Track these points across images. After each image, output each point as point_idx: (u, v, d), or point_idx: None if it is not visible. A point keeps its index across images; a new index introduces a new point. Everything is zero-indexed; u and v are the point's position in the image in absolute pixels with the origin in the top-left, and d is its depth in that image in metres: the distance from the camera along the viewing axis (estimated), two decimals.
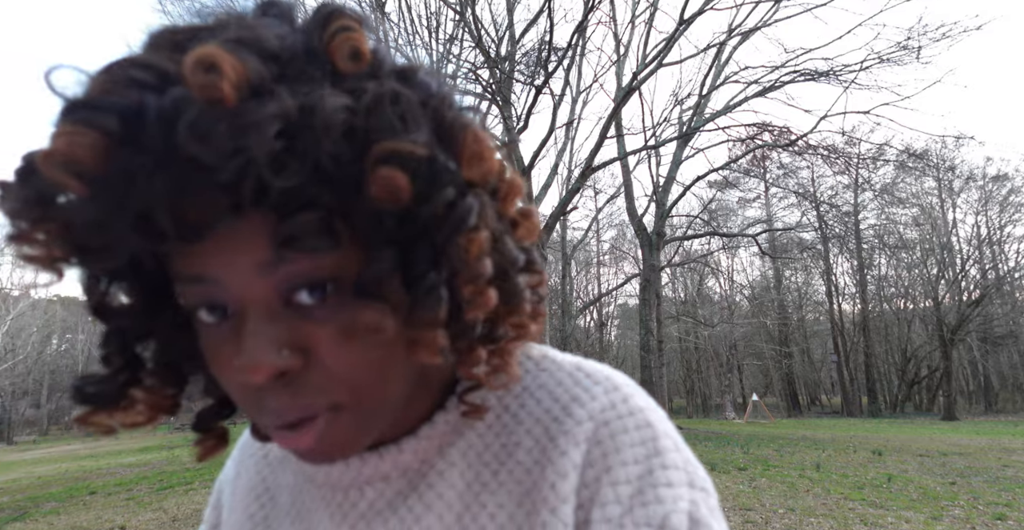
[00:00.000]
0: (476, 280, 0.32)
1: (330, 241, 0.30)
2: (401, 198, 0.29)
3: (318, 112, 0.26)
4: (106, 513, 6.24)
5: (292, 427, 0.33)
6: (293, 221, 0.29)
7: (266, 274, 0.30)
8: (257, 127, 0.25)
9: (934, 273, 25.75)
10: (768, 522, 4.85)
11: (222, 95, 0.25)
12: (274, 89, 0.26)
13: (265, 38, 0.28)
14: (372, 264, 0.31)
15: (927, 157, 19.51)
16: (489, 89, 11.08)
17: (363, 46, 0.29)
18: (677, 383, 35.73)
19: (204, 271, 0.31)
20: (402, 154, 0.28)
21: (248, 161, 0.26)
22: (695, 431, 14.20)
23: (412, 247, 0.31)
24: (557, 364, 0.44)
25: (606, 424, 0.39)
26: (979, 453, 9.40)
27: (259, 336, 0.31)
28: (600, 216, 27.68)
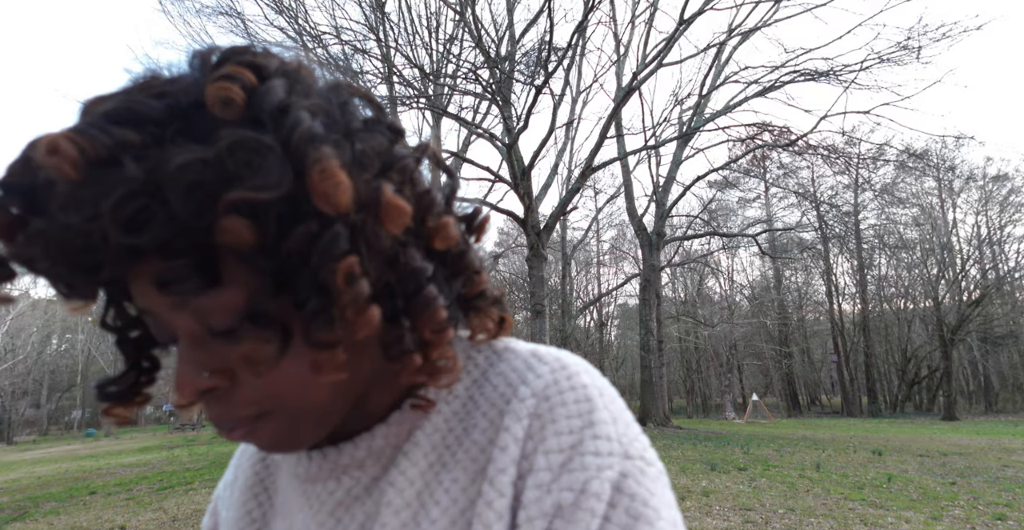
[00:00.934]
0: (352, 303, 0.34)
1: (203, 282, 0.32)
2: (246, 244, 0.31)
3: (163, 173, 0.30)
4: (106, 513, 6.24)
5: (226, 430, 0.38)
6: (165, 268, 0.32)
7: (181, 309, 0.34)
8: (103, 196, 0.29)
9: (934, 273, 25.75)
10: (768, 522, 4.85)
11: (64, 173, 0.29)
12: (122, 158, 0.30)
13: (141, 108, 0.31)
14: (252, 296, 0.34)
15: (927, 157, 19.54)
16: (489, 89, 11.07)
17: (233, 94, 0.32)
18: (677, 383, 35.73)
19: (142, 305, 0.36)
20: (247, 202, 0.30)
21: (95, 230, 0.29)
22: (695, 431, 14.19)
23: (293, 276, 0.33)
24: (515, 352, 0.46)
25: (547, 399, 0.41)
26: (979, 453, 9.40)
27: (184, 361, 0.36)
28: (600, 216, 27.72)
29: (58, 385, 38.11)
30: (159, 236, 0.30)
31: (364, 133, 0.37)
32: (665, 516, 0.38)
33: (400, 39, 11.85)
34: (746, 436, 12.87)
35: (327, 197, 0.32)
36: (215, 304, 0.34)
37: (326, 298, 0.33)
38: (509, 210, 11.61)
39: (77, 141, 0.30)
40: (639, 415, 15.21)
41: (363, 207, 0.34)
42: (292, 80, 0.35)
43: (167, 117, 0.32)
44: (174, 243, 0.31)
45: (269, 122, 0.32)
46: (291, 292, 0.34)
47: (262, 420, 0.38)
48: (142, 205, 0.30)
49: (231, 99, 0.32)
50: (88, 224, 0.30)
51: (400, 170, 0.38)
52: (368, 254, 0.35)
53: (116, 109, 0.32)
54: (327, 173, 0.32)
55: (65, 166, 0.29)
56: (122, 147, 0.30)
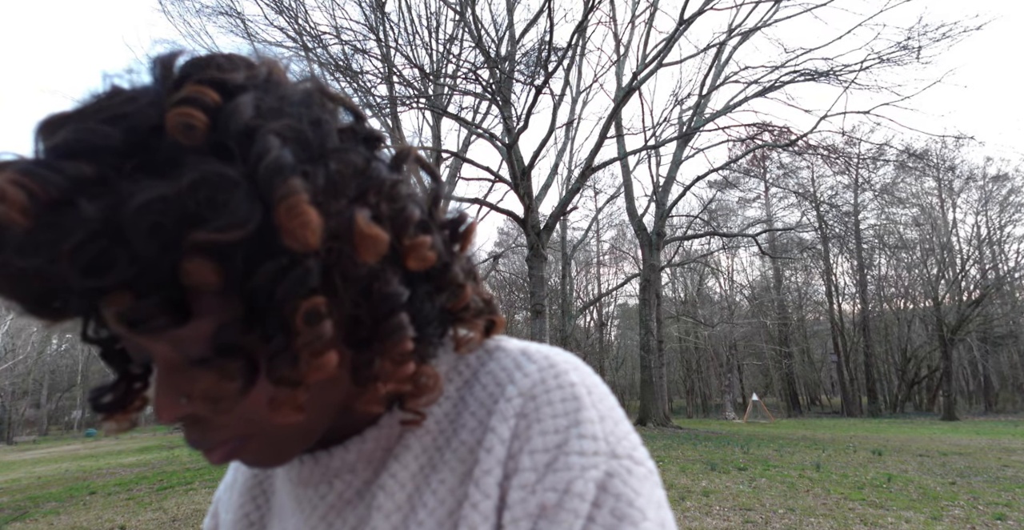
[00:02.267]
0: (310, 345, 0.33)
1: (172, 319, 0.31)
2: (211, 284, 0.30)
3: (123, 213, 0.28)
4: (106, 513, 6.24)
5: (208, 451, 0.38)
6: (132, 307, 0.31)
7: (157, 340, 0.33)
8: (60, 240, 0.28)
9: (934, 273, 25.75)
10: (768, 522, 4.85)
11: (13, 220, 0.28)
12: (77, 199, 0.28)
13: (97, 139, 0.30)
14: (219, 329, 0.33)
15: (927, 157, 19.54)
16: (489, 89, 11.07)
17: (195, 120, 0.30)
18: (677, 383, 35.73)
19: (115, 332, 0.35)
20: (210, 243, 0.29)
21: (53, 268, 0.28)
22: (695, 431, 14.19)
23: (261, 312, 0.32)
24: (505, 351, 0.45)
25: (533, 398, 0.40)
26: (979, 453, 9.40)
27: (161, 386, 0.35)
28: (600, 216, 27.73)
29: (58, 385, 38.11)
30: (121, 278, 0.29)
31: (339, 153, 0.35)
32: (651, 517, 0.37)
33: (400, 39, 11.85)
34: (746, 436, 12.87)
35: (294, 235, 0.31)
36: (189, 334, 0.33)
37: (289, 336, 0.33)
38: (509, 210, 11.62)
39: (25, 184, 0.28)
40: (639, 415, 15.21)
41: (336, 237, 0.33)
42: (261, 93, 0.33)
43: (124, 147, 0.30)
44: (139, 283, 0.30)
45: (236, 148, 0.31)
46: (259, 326, 0.33)
47: (243, 441, 0.38)
48: (102, 248, 0.28)
49: (192, 125, 0.30)
50: (47, 267, 0.28)
51: (376, 190, 0.36)
52: (343, 286, 0.34)
53: (68, 141, 0.29)
54: (294, 211, 0.30)
55: (13, 213, 0.28)
56: (76, 186, 0.29)
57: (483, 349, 0.47)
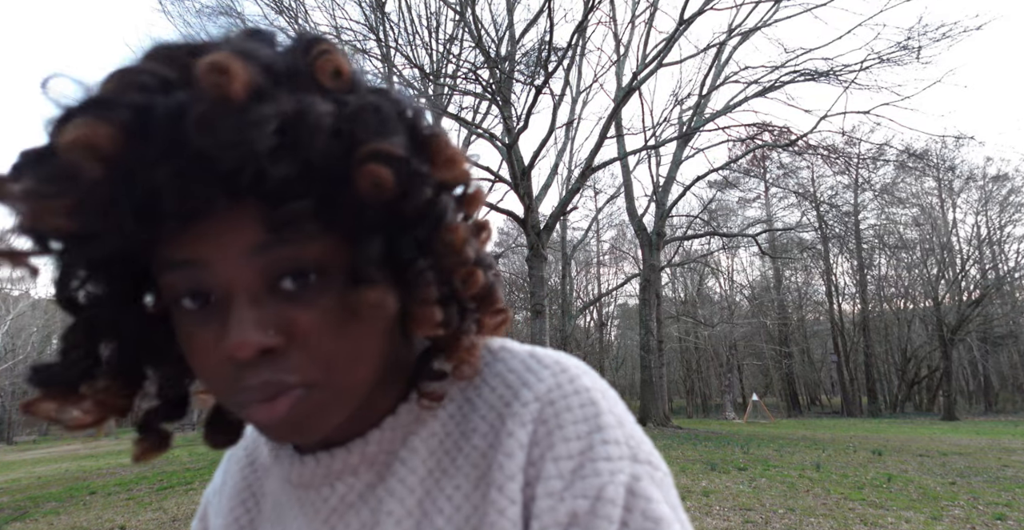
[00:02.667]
0: (464, 264, 0.37)
1: (318, 228, 0.33)
2: (385, 192, 0.32)
3: (310, 114, 0.30)
4: (106, 513, 6.24)
5: (268, 400, 0.35)
6: (286, 208, 0.32)
7: (254, 258, 0.33)
8: (258, 123, 0.29)
9: (934, 273, 25.74)
10: (768, 522, 4.85)
11: (230, 94, 0.29)
12: (273, 93, 0.30)
13: (260, 53, 0.32)
14: (363, 250, 0.34)
15: (927, 157, 19.53)
16: (489, 89, 11.07)
17: (344, 66, 0.34)
18: (677, 383, 35.71)
19: (195, 254, 0.33)
20: (384, 154, 0.32)
21: (248, 153, 0.29)
22: (695, 431, 14.19)
23: (396, 239, 0.35)
24: (511, 353, 0.45)
25: (551, 404, 0.40)
26: (979, 453, 9.40)
27: (246, 317, 0.33)
28: (600, 216, 27.72)
29: None
30: (293, 172, 0.31)
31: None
32: (678, 518, 0.38)
33: (400, 39, 11.85)
34: (746, 436, 12.87)
35: (452, 166, 0.35)
36: (301, 255, 0.34)
37: (434, 258, 0.36)
38: (509, 210, 11.61)
39: (246, 63, 0.30)
40: (639, 415, 15.21)
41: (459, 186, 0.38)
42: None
43: (285, 70, 0.32)
44: (304, 183, 0.32)
45: (373, 95, 0.34)
46: (395, 253, 0.35)
47: (309, 392, 0.36)
48: (289, 139, 0.30)
49: (342, 71, 0.33)
50: (229, 151, 0.29)
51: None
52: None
53: (243, 50, 0.31)
54: (450, 144, 0.35)
55: (236, 86, 0.29)
56: (275, 79, 0.31)
57: (487, 349, 0.46)
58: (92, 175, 0.29)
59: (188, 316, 0.35)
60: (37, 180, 0.30)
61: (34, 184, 0.30)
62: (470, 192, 0.39)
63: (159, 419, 0.42)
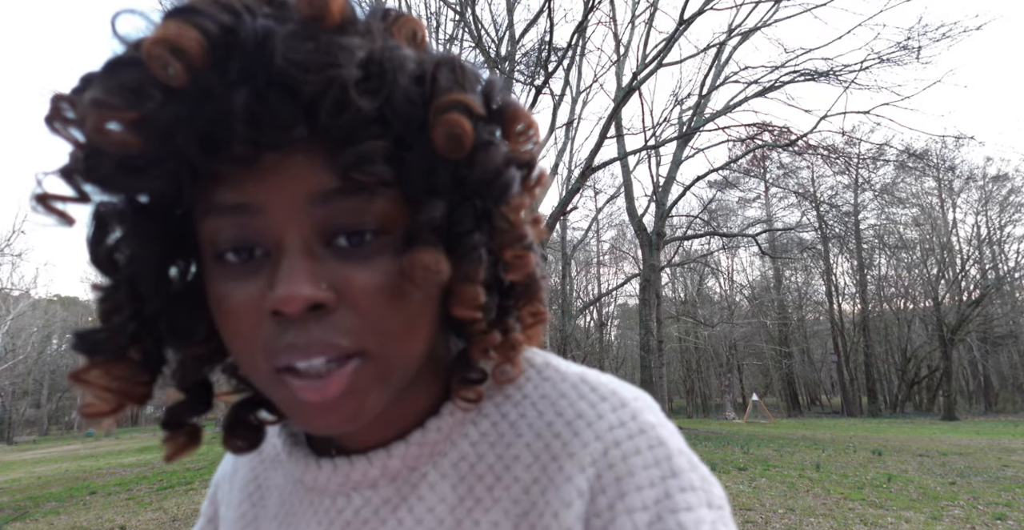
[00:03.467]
0: (518, 243, 0.35)
1: (387, 177, 0.31)
2: (462, 146, 0.31)
3: (395, 54, 0.30)
4: (106, 513, 6.24)
5: (320, 376, 0.32)
6: (360, 147, 0.30)
7: (315, 208, 0.31)
8: (347, 51, 0.28)
9: (934, 273, 25.75)
10: (768, 522, 4.85)
11: (326, 14, 0.28)
12: (361, 26, 0.30)
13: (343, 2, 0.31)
14: (425, 211, 0.33)
15: (927, 157, 19.53)
16: None
17: (422, 29, 0.34)
18: (677, 383, 35.72)
19: (251, 198, 0.31)
20: (464, 105, 0.31)
21: (332, 80, 0.28)
22: (695, 431, 14.19)
23: (456, 207, 0.33)
24: (561, 374, 0.41)
25: (616, 445, 0.36)
26: (979, 453, 9.40)
27: (299, 270, 0.31)
28: (600, 216, 27.70)
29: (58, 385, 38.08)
30: (374, 110, 0.30)
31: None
32: None
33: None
34: (746, 436, 12.87)
35: (526, 136, 0.35)
36: (361, 210, 0.32)
37: (490, 233, 0.34)
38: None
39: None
40: None
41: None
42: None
43: (368, 22, 0.31)
44: (381, 125, 0.31)
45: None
46: (453, 222, 0.34)
47: (363, 363, 0.33)
48: (374, 73, 0.29)
49: (420, 35, 0.34)
50: (314, 76, 0.28)
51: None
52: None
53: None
54: (526, 115, 0.34)
55: (333, 8, 0.28)
56: (352, 16, 0.30)
57: (528, 362, 0.42)
58: (169, 83, 0.28)
59: (227, 272, 0.33)
60: (106, 90, 0.28)
61: (102, 94, 0.28)
62: (535, 173, 0.37)
63: (186, 414, 0.39)
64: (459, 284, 0.34)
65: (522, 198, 0.35)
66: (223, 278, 0.33)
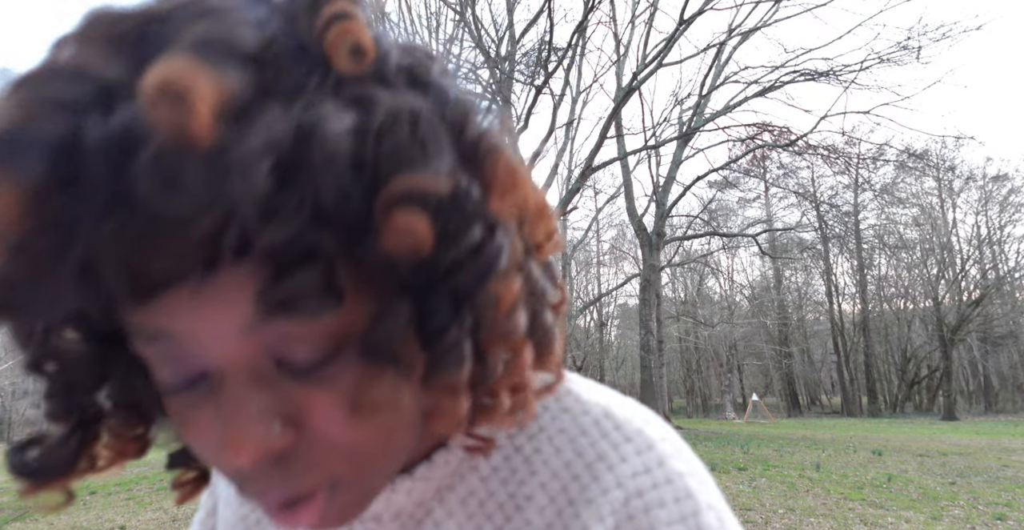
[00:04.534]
0: (507, 338, 0.27)
1: (332, 300, 0.23)
2: (421, 249, 0.23)
3: (319, 138, 0.21)
4: (106, 513, 6.24)
5: (288, 506, 0.28)
6: (286, 280, 0.22)
7: (251, 333, 0.24)
8: (242, 167, 0.20)
9: (934, 273, 25.77)
10: (768, 522, 4.85)
11: (195, 134, 0.19)
12: (262, 108, 0.21)
13: (240, 34, 0.21)
14: (383, 320, 0.25)
15: (927, 157, 19.53)
16: (489, 89, 11.08)
17: (366, 39, 0.23)
18: (677, 383, 35.72)
19: (169, 327, 0.24)
20: (421, 195, 0.23)
21: (226, 214, 0.20)
22: (695, 431, 14.19)
23: (428, 296, 0.25)
24: (583, 405, 0.37)
25: (639, 495, 0.33)
26: (979, 453, 9.40)
27: (244, 407, 0.25)
28: (600, 216, 27.67)
29: None
30: (293, 229, 0.21)
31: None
32: None
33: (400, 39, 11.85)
34: (746, 436, 12.87)
35: (513, 192, 0.25)
36: (315, 325, 0.24)
37: (468, 324, 0.26)
38: None
39: (214, 78, 0.20)
40: None
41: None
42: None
43: (273, 57, 0.22)
44: (311, 238, 0.22)
45: (408, 87, 0.25)
46: (425, 314, 0.25)
47: (333, 491, 0.28)
48: (284, 183, 0.21)
49: (363, 47, 0.23)
50: (202, 212, 0.20)
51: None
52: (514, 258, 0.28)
53: (215, 38, 0.21)
54: (512, 166, 0.25)
55: (199, 123, 0.19)
56: (261, 88, 0.21)
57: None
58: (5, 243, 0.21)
59: (173, 394, 0.27)
60: None
61: None
62: (533, 210, 0.28)
63: (189, 456, 0.35)
64: (435, 393, 0.27)
65: (511, 273, 0.26)
66: (170, 398, 0.28)
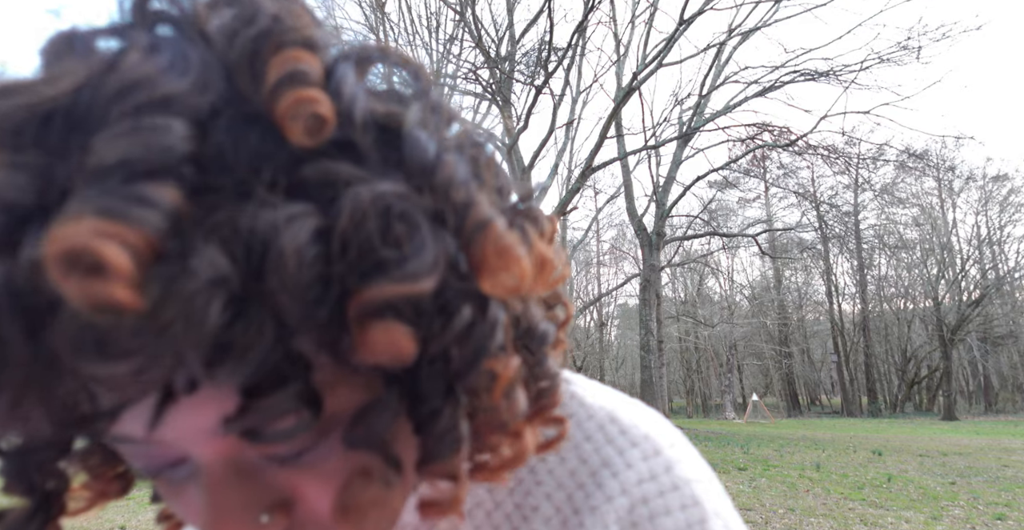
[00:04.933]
0: (504, 426, 0.25)
1: (307, 420, 0.22)
2: (405, 357, 0.21)
3: (274, 254, 0.18)
4: (106, 513, 6.24)
5: None
6: (252, 408, 0.21)
7: (228, 429, 0.22)
8: (183, 317, 0.17)
9: (934, 273, 25.76)
10: (768, 522, 4.85)
11: (116, 303, 0.16)
12: (199, 241, 0.17)
13: (169, 141, 0.18)
14: (368, 412, 0.23)
15: (927, 157, 19.53)
16: (489, 89, 11.08)
17: (324, 108, 0.20)
18: (677, 383, 35.72)
19: (132, 435, 0.23)
20: (401, 300, 0.20)
21: (174, 362, 0.18)
22: (695, 431, 14.19)
23: (418, 380, 0.24)
24: (587, 410, 0.36)
25: (644, 502, 0.32)
26: (979, 453, 9.40)
27: (227, 500, 0.23)
28: (600, 216, 27.69)
29: None
30: (253, 365, 0.19)
31: (477, 143, 0.26)
32: None
33: (400, 39, 11.85)
34: (746, 436, 12.88)
35: (499, 281, 0.22)
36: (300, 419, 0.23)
37: (463, 403, 0.24)
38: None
39: (121, 235, 0.16)
40: None
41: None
42: (347, 56, 0.23)
43: (201, 154, 0.19)
44: (275, 367, 0.20)
45: (373, 149, 0.21)
46: (415, 398, 0.24)
47: None
48: (236, 314, 0.18)
49: (320, 118, 0.20)
50: (135, 376, 0.18)
51: (532, 207, 0.28)
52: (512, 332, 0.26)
53: (136, 144, 0.17)
54: (504, 248, 0.22)
55: (119, 292, 0.16)
56: (179, 224, 0.18)
57: None
58: None
59: (152, 478, 0.26)
60: None
61: None
62: (540, 286, 0.25)
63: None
64: (430, 476, 0.26)
65: (506, 352, 0.25)
66: (154, 482, 0.26)
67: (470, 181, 0.23)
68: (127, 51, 0.19)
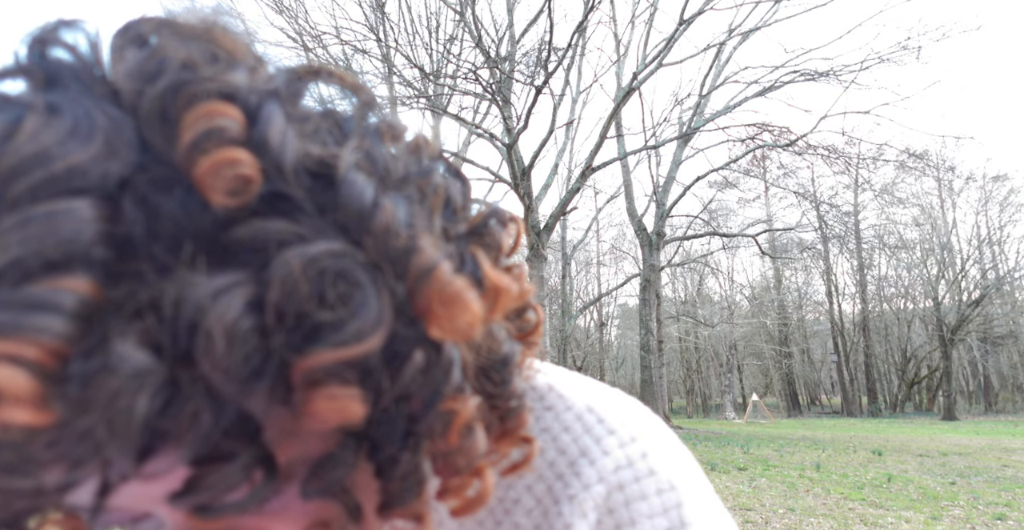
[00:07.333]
0: (463, 469, 0.25)
1: (263, 485, 0.21)
2: (353, 417, 0.21)
3: (203, 335, 0.17)
4: None
5: None
6: (198, 485, 0.20)
7: (179, 502, 0.21)
8: (103, 422, 0.16)
9: (934, 273, 25.77)
10: (768, 522, 4.85)
11: (23, 424, 0.16)
12: (114, 339, 0.16)
13: (74, 228, 0.16)
14: (324, 465, 0.23)
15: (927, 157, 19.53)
16: (489, 89, 11.08)
17: (246, 168, 0.18)
18: (677, 383, 35.73)
19: (84, 503, 0.22)
20: (343, 363, 0.19)
21: (101, 462, 0.18)
22: (695, 431, 14.20)
23: (376, 426, 0.23)
24: (566, 402, 0.36)
25: (620, 488, 0.32)
26: (979, 453, 9.40)
27: None
28: (600, 216, 27.71)
29: None
30: (199, 443, 0.19)
31: (425, 175, 0.25)
32: None
33: (400, 39, 11.86)
34: (746, 436, 12.87)
35: (449, 326, 0.22)
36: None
37: (423, 443, 0.24)
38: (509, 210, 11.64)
39: (20, 357, 0.15)
40: None
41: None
42: (276, 96, 0.21)
43: (125, 240, 0.18)
44: (218, 447, 0.20)
45: (305, 198, 0.20)
46: (373, 444, 0.23)
47: None
48: (167, 402, 0.17)
49: (246, 178, 0.18)
50: (62, 486, 0.18)
51: (487, 229, 0.28)
52: (474, 369, 0.26)
53: (29, 251, 0.16)
54: (454, 300, 0.21)
55: (24, 415, 0.16)
56: (87, 326, 0.16)
57: (529, 386, 0.37)
58: None
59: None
60: None
61: None
62: (492, 294, 0.25)
63: None
64: (394, 518, 0.25)
65: (463, 393, 0.24)
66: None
67: (413, 223, 0.21)
68: (22, 119, 0.17)
